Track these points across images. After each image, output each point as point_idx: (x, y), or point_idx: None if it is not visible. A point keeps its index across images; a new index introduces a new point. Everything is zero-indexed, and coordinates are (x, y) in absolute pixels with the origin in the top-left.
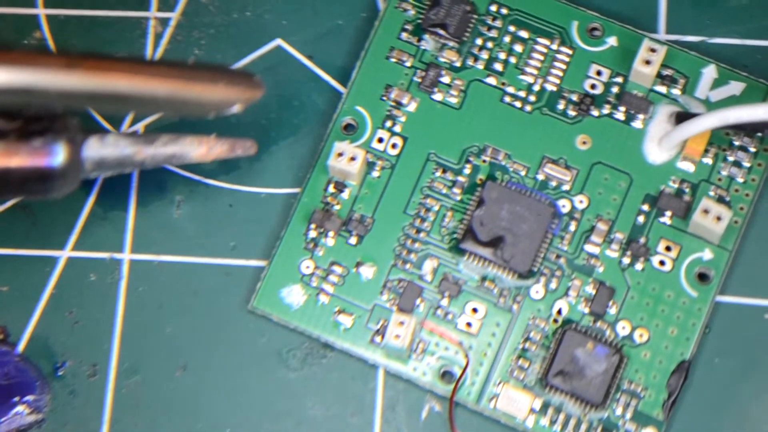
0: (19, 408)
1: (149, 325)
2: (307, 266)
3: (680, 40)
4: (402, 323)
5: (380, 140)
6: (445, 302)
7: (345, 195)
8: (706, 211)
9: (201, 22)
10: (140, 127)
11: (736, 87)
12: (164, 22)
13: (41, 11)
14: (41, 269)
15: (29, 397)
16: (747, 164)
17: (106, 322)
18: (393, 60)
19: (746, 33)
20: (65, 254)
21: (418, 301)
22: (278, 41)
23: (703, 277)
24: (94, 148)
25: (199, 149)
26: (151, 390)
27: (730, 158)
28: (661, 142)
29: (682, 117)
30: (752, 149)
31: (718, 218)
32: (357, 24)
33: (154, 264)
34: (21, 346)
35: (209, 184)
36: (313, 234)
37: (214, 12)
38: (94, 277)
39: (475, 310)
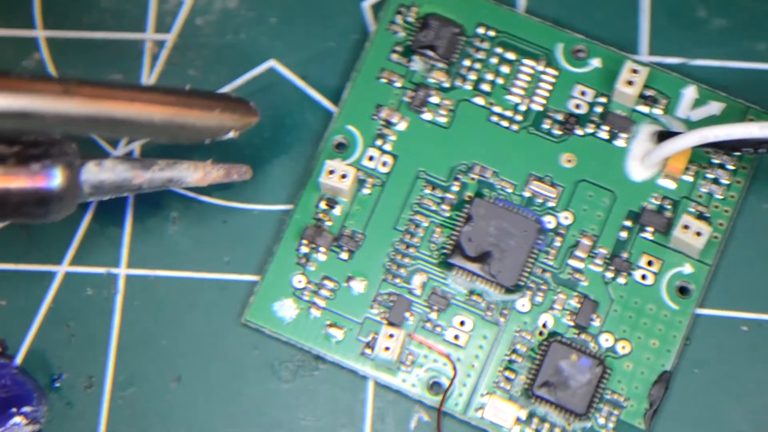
0: (17, 419)
1: (145, 338)
2: (299, 281)
3: (662, 62)
4: (391, 336)
5: (371, 158)
6: (433, 315)
7: (336, 211)
8: (686, 227)
9: (196, 43)
10: (136, 146)
11: (715, 107)
12: (160, 44)
13: (40, 33)
14: (39, 284)
15: (26, 409)
16: (726, 181)
17: (102, 335)
18: (383, 80)
19: (726, 55)
20: (62, 269)
21: (407, 314)
22: (272, 62)
23: (683, 291)
24: (92, 173)
25: (196, 174)
26: (146, 401)
27: (710, 176)
28: (643, 160)
29: (663, 136)
30: (731, 167)
31: (698, 234)
32: (349, 46)
33: (149, 279)
34: (19, 359)
35: (204, 201)
36: (305, 250)
37: (209, 34)
38: (90, 292)
39: (462, 323)
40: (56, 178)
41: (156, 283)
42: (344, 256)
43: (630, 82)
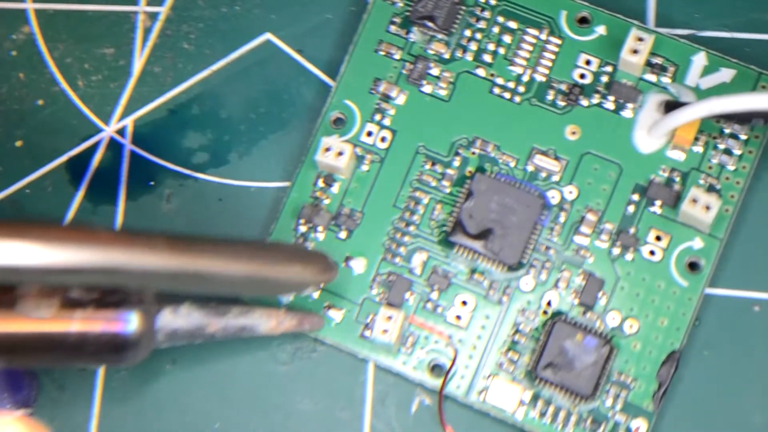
0: (8, 403)
1: None
2: None
3: (669, 33)
4: (390, 318)
5: (369, 134)
6: (434, 295)
7: (334, 189)
8: (694, 201)
9: (190, 16)
10: (129, 122)
11: (726, 74)
12: (153, 16)
13: (29, 6)
14: None
15: (18, 392)
16: (738, 152)
17: None
18: (381, 53)
19: (735, 26)
20: None
21: (407, 294)
22: (267, 35)
23: (693, 267)
24: (168, 320)
25: (269, 323)
26: (140, 384)
27: (721, 146)
28: (650, 131)
29: (671, 106)
30: (743, 137)
31: (707, 207)
32: (346, 18)
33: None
34: None
35: (199, 178)
36: (302, 229)
37: (203, 6)
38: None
39: (464, 303)
40: (133, 324)
41: None
42: (343, 235)
43: (635, 51)
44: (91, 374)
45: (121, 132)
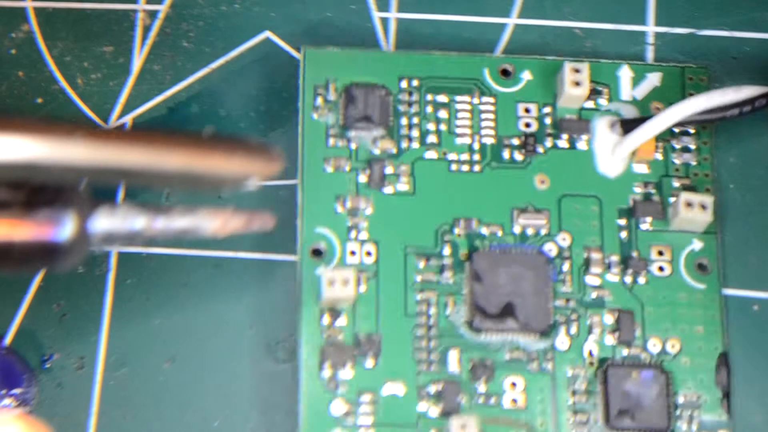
0: (6, 401)
1: (137, 317)
2: (336, 407)
3: (669, 32)
4: (464, 426)
5: (353, 253)
6: (482, 388)
7: (342, 321)
8: (689, 204)
9: (190, 14)
10: (128, 120)
11: (654, 78)
12: (153, 14)
13: (29, 4)
14: None
15: (16, 390)
16: (693, 146)
17: (93, 314)
18: (331, 170)
19: (735, 25)
20: None
21: (459, 397)
22: (267, 33)
23: (703, 268)
24: (104, 222)
25: (214, 223)
26: (139, 382)
27: (677, 146)
28: (614, 153)
29: (627, 124)
30: (692, 131)
31: (703, 206)
32: (346, 16)
33: (142, 256)
34: (8, 339)
35: None
36: (328, 373)
37: (202, 4)
38: (82, 270)
39: (514, 385)
40: (65, 227)
41: (149, 261)
42: (370, 363)
43: (577, 83)
44: (90, 372)
45: (121, 129)
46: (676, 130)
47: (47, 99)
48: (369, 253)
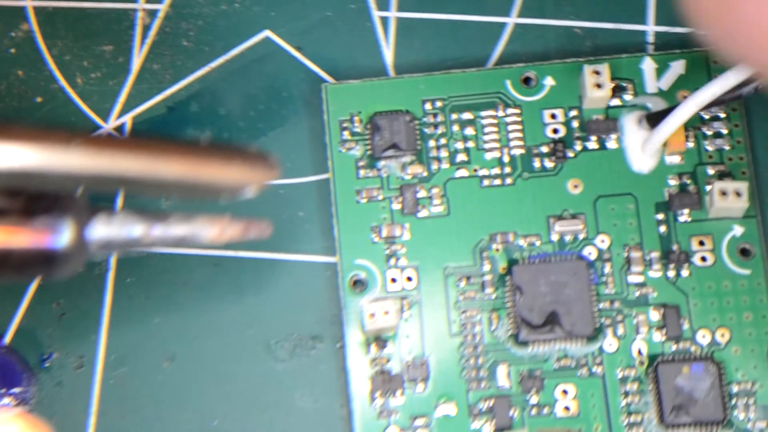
0: (5, 400)
1: (137, 316)
2: None
3: (669, 32)
4: None
5: (394, 281)
6: (534, 399)
7: (390, 349)
8: (723, 193)
9: (189, 13)
10: (128, 119)
11: (678, 66)
12: (152, 13)
13: (29, 3)
14: None
15: (15, 389)
16: (725, 131)
17: (93, 313)
18: (364, 201)
19: None
20: None
21: (511, 411)
22: (267, 32)
23: (745, 253)
24: (102, 229)
25: (212, 230)
26: (138, 381)
27: (709, 132)
28: (644, 149)
29: (653, 118)
30: (722, 115)
31: (737, 193)
32: (346, 15)
33: (142, 255)
34: (7, 338)
35: None
36: (380, 401)
37: (202, 3)
38: (81, 269)
39: (565, 392)
40: (63, 235)
41: (148, 260)
42: (420, 387)
43: (599, 85)
44: (90, 371)
45: (120, 129)
46: (706, 116)
47: (47, 98)
48: (410, 279)
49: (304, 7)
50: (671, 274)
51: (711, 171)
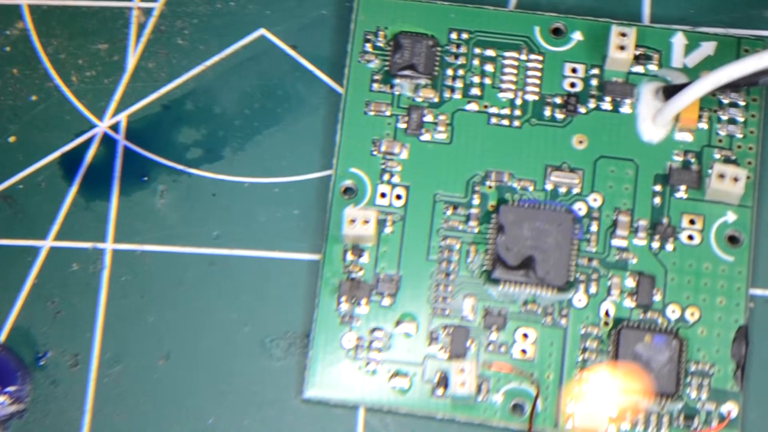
0: (0, 398)
1: (132, 314)
2: (348, 340)
3: (662, 28)
4: (462, 370)
5: (383, 195)
6: (494, 336)
7: (365, 259)
8: (721, 176)
9: (184, 11)
10: (123, 117)
11: (708, 47)
12: (147, 12)
13: (24, 1)
14: (23, 259)
15: (10, 388)
16: (741, 119)
17: (88, 311)
18: (372, 113)
19: (731, 22)
20: (47, 244)
21: (468, 342)
22: (262, 31)
23: (733, 240)
24: None
25: None
26: (133, 379)
27: (724, 117)
28: (655, 120)
29: (669, 91)
30: (741, 103)
31: (735, 179)
32: (341, 13)
33: (136, 253)
34: (2, 336)
35: (192, 174)
36: (345, 307)
37: (197, 2)
38: (76, 267)
39: (525, 336)
40: None
41: (143, 258)
42: (387, 301)
43: (622, 47)
44: (85, 369)
45: (115, 128)
46: (725, 101)
47: (42, 96)
48: (399, 197)
49: (299, 5)
50: (655, 245)
51: (717, 155)
